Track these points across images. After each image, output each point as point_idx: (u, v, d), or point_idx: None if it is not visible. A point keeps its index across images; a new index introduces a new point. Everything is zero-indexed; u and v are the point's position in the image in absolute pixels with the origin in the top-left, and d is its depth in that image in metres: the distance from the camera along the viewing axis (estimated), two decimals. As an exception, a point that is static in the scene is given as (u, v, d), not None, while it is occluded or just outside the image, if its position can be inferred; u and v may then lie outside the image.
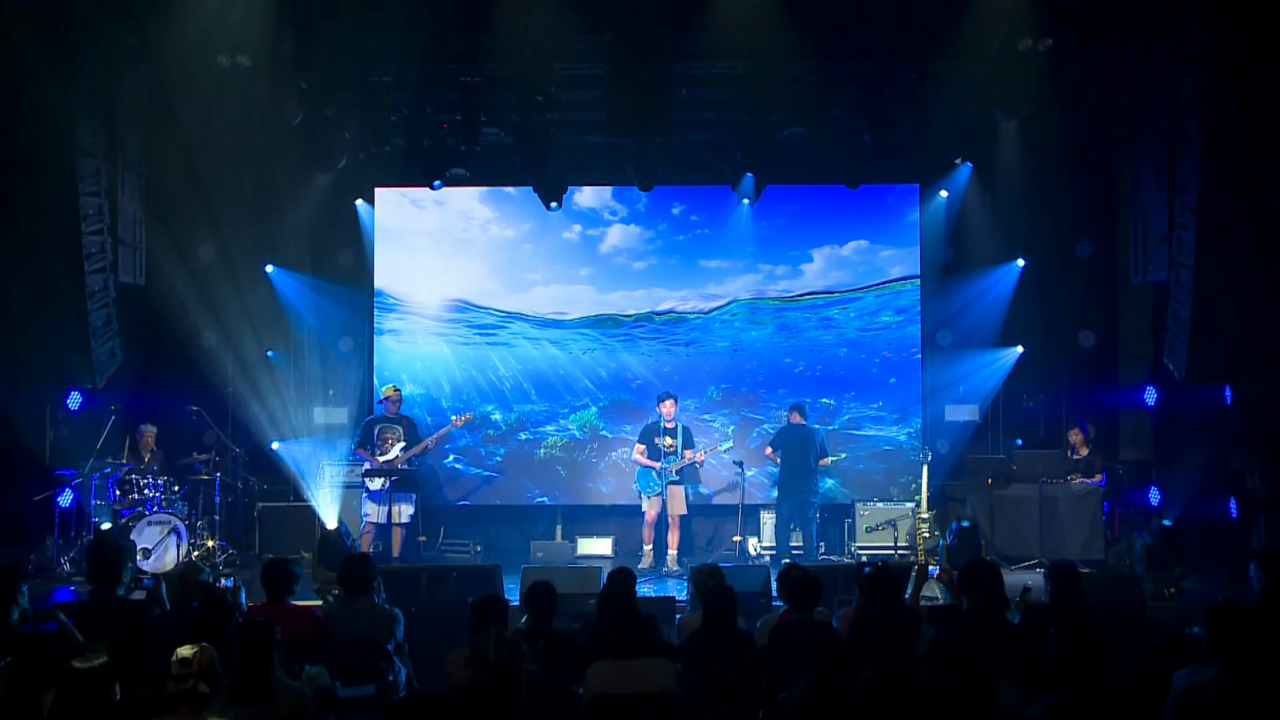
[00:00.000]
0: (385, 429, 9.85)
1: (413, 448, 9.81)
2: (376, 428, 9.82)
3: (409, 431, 9.92)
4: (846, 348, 11.14)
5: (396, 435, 9.83)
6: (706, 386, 11.15)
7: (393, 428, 9.86)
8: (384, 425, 9.86)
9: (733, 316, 11.17)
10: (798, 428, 10.12)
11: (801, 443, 10.01)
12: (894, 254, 11.14)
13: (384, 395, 9.98)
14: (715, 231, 11.20)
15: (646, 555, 9.81)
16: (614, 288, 11.20)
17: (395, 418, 9.90)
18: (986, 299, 10.95)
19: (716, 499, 10.94)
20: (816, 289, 11.15)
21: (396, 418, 9.92)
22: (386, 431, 9.84)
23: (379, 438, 9.80)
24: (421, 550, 10.22)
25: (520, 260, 11.24)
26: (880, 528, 10.29)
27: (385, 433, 9.83)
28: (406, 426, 9.93)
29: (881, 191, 11.04)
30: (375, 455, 9.71)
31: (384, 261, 11.12)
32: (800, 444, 10.00)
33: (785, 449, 9.98)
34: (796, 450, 9.97)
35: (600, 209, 11.27)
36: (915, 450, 10.74)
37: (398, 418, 9.93)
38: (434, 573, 7.44)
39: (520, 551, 10.71)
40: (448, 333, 11.16)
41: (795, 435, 10.05)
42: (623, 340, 11.18)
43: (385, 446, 9.75)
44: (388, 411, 9.91)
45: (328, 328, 11.08)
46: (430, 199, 11.14)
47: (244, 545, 10.28)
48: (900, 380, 11.10)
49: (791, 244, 11.18)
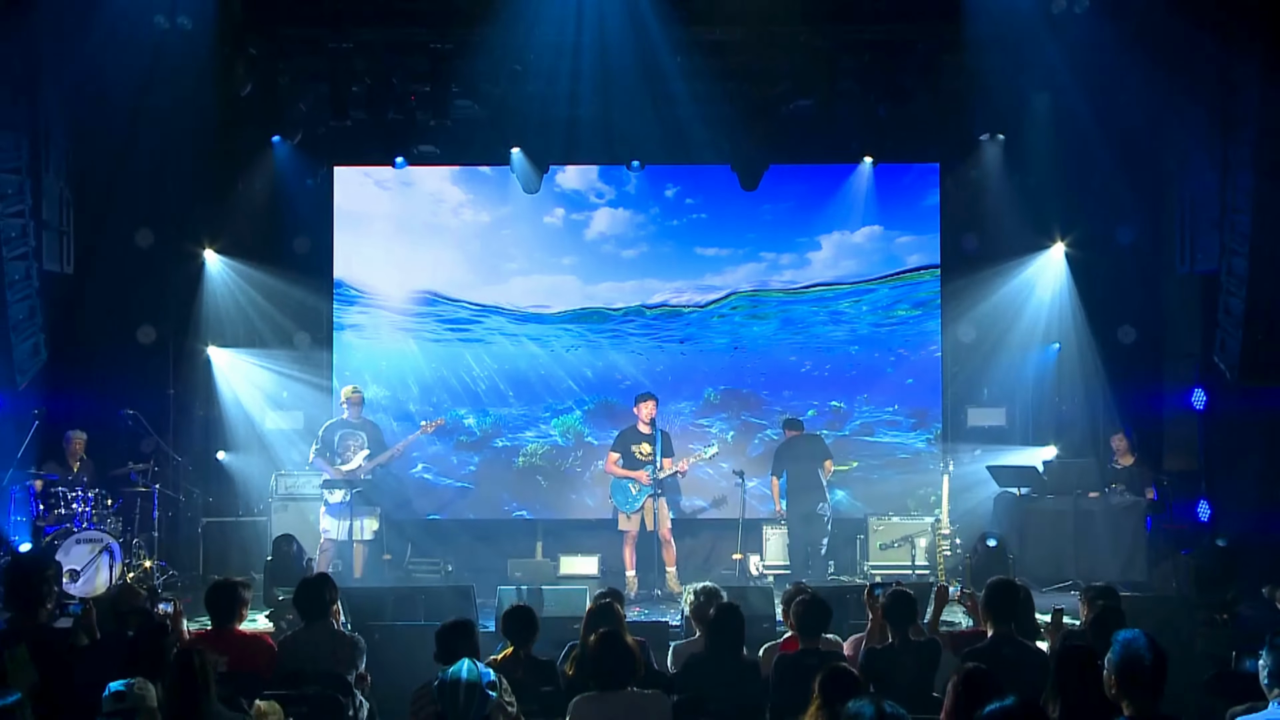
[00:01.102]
0: (346, 436, 9.81)
1: (377, 456, 9.78)
2: (337, 434, 9.78)
3: (372, 438, 9.88)
4: (858, 345, 11.13)
5: (359, 442, 9.79)
6: (703, 388, 11.14)
7: (354, 434, 9.82)
8: (345, 431, 9.82)
9: (732, 310, 11.17)
10: (797, 439, 10.09)
11: (803, 453, 9.97)
12: (912, 241, 11.14)
13: (344, 398, 9.94)
14: (713, 216, 11.20)
15: (630, 582, 9.67)
16: (601, 278, 11.18)
17: (357, 423, 9.87)
18: (1015, 291, 10.97)
19: (713, 512, 10.93)
20: (825, 280, 11.15)
21: (358, 423, 9.88)
22: (348, 438, 9.80)
23: (339, 445, 9.76)
24: (386, 570, 10.18)
25: (496, 248, 11.21)
26: (896, 545, 10.27)
27: (346, 440, 9.79)
28: (369, 433, 9.89)
29: (898, 171, 11.05)
30: (335, 465, 9.67)
31: (344, 249, 11.08)
32: (802, 455, 9.96)
33: (788, 464, 9.94)
34: (800, 462, 9.93)
35: (586, 191, 11.25)
36: (935, 459, 10.72)
37: (360, 423, 9.89)
38: (400, 595, 7.44)
39: (496, 571, 10.55)
40: (416, 328, 11.14)
41: (795, 447, 10.02)
42: (610, 337, 11.16)
43: (346, 455, 9.71)
44: (348, 416, 9.87)
45: (281, 322, 11.04)
46: (396, 179, 11.11)
47: (186, 565, 10.23)
48: (918, 381, 11.10)
49: (798, 230, 11.18)
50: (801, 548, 9.88)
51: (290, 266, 10.99)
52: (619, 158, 10.64)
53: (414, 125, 9.99)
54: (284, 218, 10.92)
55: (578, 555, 10.69)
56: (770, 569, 10.35)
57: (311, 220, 11.05)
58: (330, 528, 9.56)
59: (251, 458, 10.69)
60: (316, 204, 11.04)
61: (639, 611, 8.88)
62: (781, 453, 10.06)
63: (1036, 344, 10.95)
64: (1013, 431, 11.03)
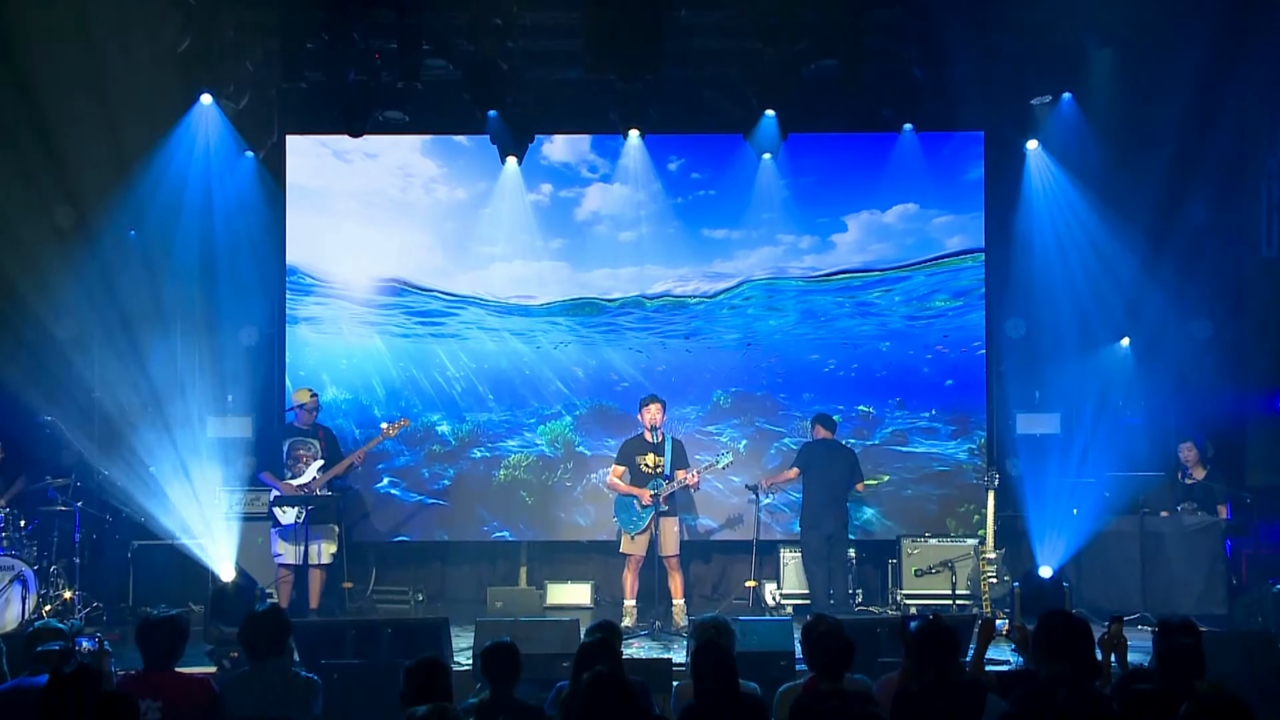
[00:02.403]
0: (298, 444, 9.78)
1: (333, 467, 9.73)
2: (287, 443, 9.74)
3: (328, 446, 9.87)
4: (890, 341, 11.12)
5: (312, 452, 9.77)
6: (711, 390, 11.13)
7: (307, 443, 9.81)
8: (296, 440, 9.79)
9: (745, 302, 11.16)
10: (828, 443, 10.09)
11: (833, 460, 9.98)
12: (951, 221, 11.12)
13: (297, 401, 9.92)
14: (723, 193, 11.19)
15: (629, 612, 9.68)
16: (594, 264, 11.18)
17: (311, 429, 9.83)
18: (1071, 279, 10.92)
19: (723, 534, 10.91)
20: (852, 266, 11.13)
21: (312, 429, 9.85)
22: (300, 447, 9.78)
23: (290, 455, 9.72)
24: (347, 600, 10.18)
25: (474, 229, 11.19)
26: (933, 570, 10.25)
27: (298, 449, 9.77)
28: (325, 440, 9.88)
29: (936, 141, 11.04)
30: (285, 478, 9.60)
31: (299, 230, 11.08)
32: (831, 462, 9.97)
33: (813, 468, 9.94)
34: (827, 470, 9.94)
35: (576, 164, 11.23)
36: (978, 472, 10.67)
37: (314, 429, 9.86)
38: (362, 628, 7.43)
39: (474, 601, 10.71)
40: (381, 321, 11.13)
41: (825, 451, 10.03)
42: (605, 331, 11.16)
43: (299, 467, 9.67)
44: (301, 421, 9.83)
45: (225, 314, 11.00)
46: (358, 150, 11.10)
47: (114, 597, 10.19)
48: (959, 382, 11.09)
49: (820, 209, 11.17)
50: (823, 575, 9.82)
51: (236, 250, 10.92)
52: (615, 126, 10.59)
53: (378, 88, 9.94)
54: (227, 194, 10.86)
55: (568, 583, 10.79)
56: (789, 598, 10.36)
57: (260, 197, 11.02)
58: (284, 552, 9.55)
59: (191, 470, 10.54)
60: (265, 178, 11.02)
61: (638, 648, 8.87)
62: (812, 451, 9.99)
63: (1098, 340, 10.94)
64: (1069, 440, 10.93)
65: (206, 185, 10.68)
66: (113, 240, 10.49)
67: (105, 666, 5.73)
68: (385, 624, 7.58)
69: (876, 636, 7.18)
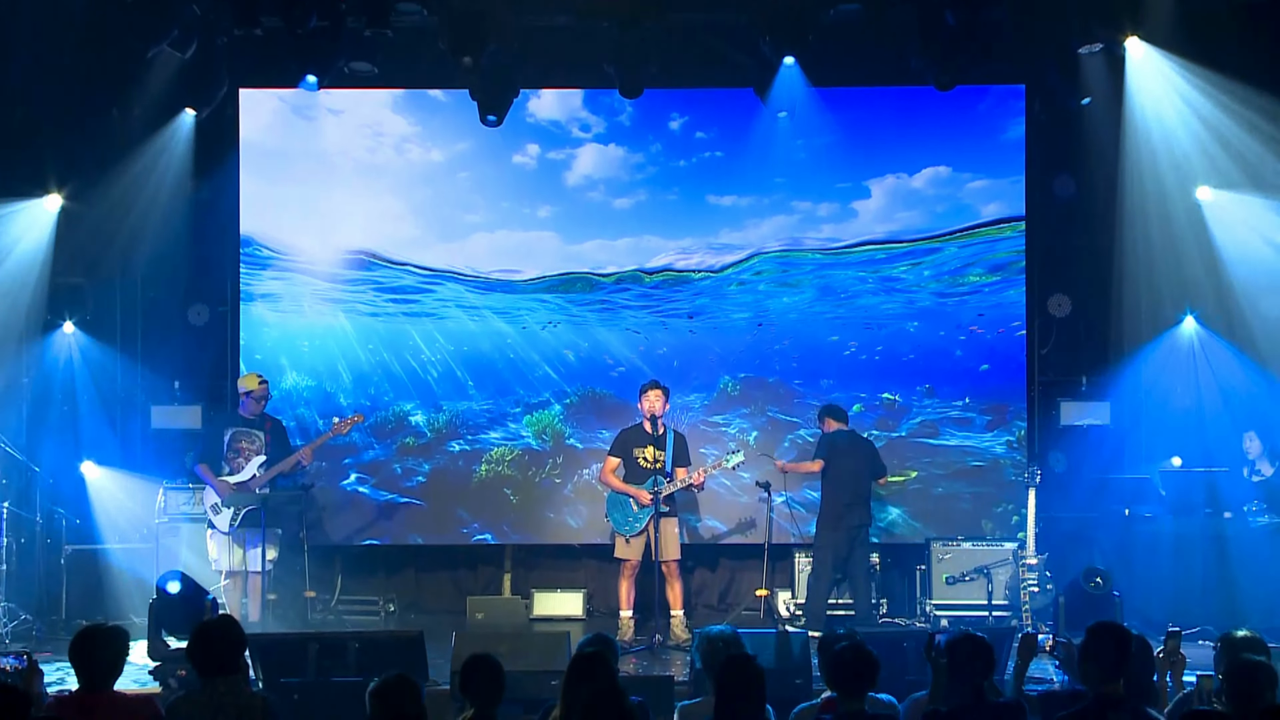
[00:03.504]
0: (241, 436, 9.78)
1: (277, 464, 9.74)
2: (229, 433, 9.75)
3: (275, 440, 9.86)
4: (919, 320, 11.10)
5: (256, 445, 9.75)
6: (718, 376, 11.12)
7: (251, 435, 9.78)
8: (239, 431, 9.79)
9: (756, 277, 11.15)
10: (850, 433, 10.09)
11: (857, 452, 9.97)
12: (988, 186, 11.10)
13: (245, 388, 9.88)
14: (732, 154, 11.18)
15: (625, 624, 9.72)
16: (586, 235, 11.16)
17: (257, 420, 9.82)
18: (1126, 249, 10.87)
19: (731, 537, 10.91)
20: (876, 237, 11.11)
21: (259, 419, 9.83)
22: (242, 439, 9.76)
23: (231, 448, 9.73)
24: (309, 610, 10.18)
25: (452, 195, 11.17)
26: (967, 578, 10.22)
27: (240, 441, 9.76)
28: (272, 433, 9.86)
29: (971, 96, 11.00)
30: (224, 473, 9.63)
31: (254, 197, 11.04)
32: (856, 454, 9.95)
33: (837, 461, 9.92)
34: (853, 462, 9.91)
35: (567, 122, 11.21)
36: (1018, 467, 10.70)
37: (260, 419, 9.85)
38: (327, 643, 7.40)
39: (452, 612, 10.72)
40: (347, 299, 11.12)
41: (848, 442, 10.01)
42: (599, 310, 11.15)
43: (238, 462, 9.69)
44: (247, 410, 9.82)
45: (171, 290, 11.01)
46: (322, 106, 11.07)
47: (45, 608, 10.21)
48: (997, 367, 11.07)
49: (841, 172, 11.15)
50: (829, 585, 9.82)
51: (183, 219, 10.93)
52: (610, 79, 10.52)
53: (344, 35, 9.88)
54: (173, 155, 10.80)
55: (557, 591, 10.82)
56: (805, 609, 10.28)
57: (210, 158, 10.99)
58: (220, 557, 9.55)
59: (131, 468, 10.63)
60: (216, 137, 10.96)
61: (635, 665, 8.86)
62: (835, 442, 9.98)
63: (1155, 318, 10.92)
64: (1120, 432, 11.01)
65: (150, 144, 10.63)
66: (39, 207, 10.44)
67: (35, 687, 5.68)
68: (352, 638, 7.56)
69: (903, 651, 7.15)
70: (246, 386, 9.84)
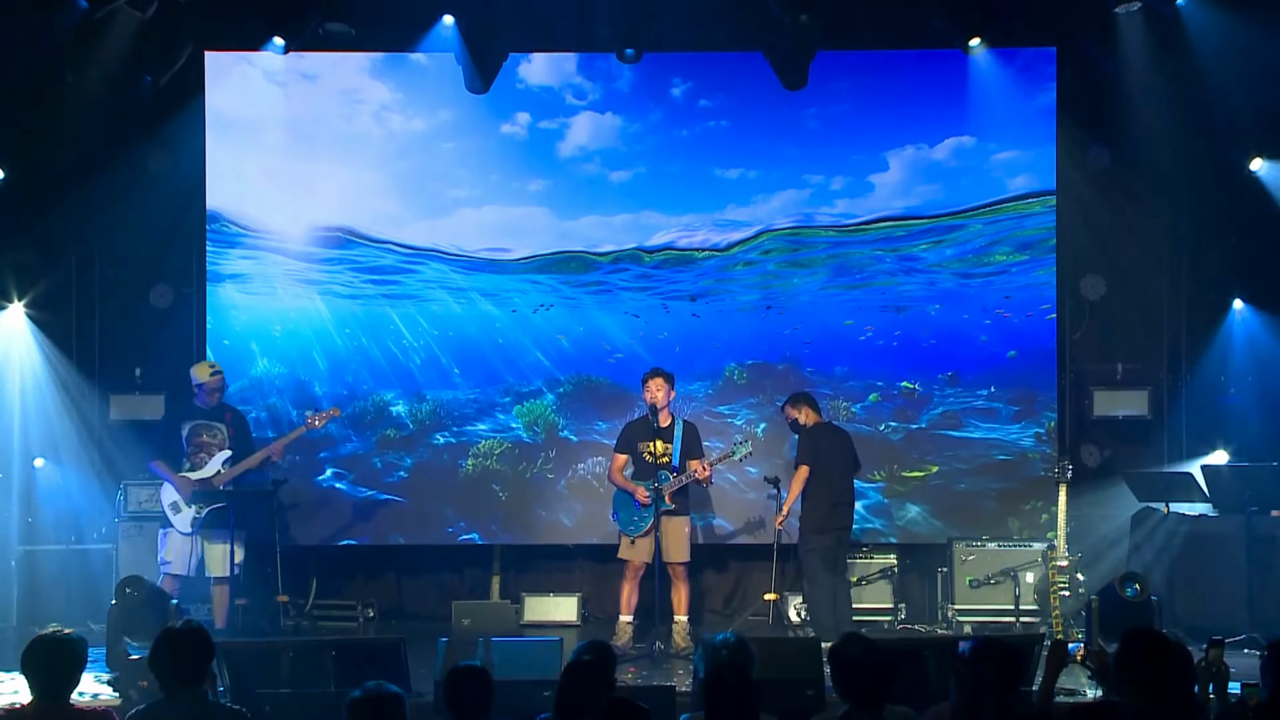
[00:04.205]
0: (201, 430, 9.74)
1: (243, 460, 9.71)
2: (188, 427, 9.72)
3: (236, 432, 9.82)
4: (940, 303, 11.09)
5: (218, 439, 9.73)
6: (723, 362, 11.12)
7: (212, 429, 9.75)
8: (199, 424, 9.75)
9: (764, 256, 11.14)
10: (828, 426, 10.04)
11: (840, 447, 9.91)
12: (1016, 157, 11.07)
13: (200, 379, 9.81)
14: (738, 124, 11.16)
15: (624, 630, 9.70)
16: (581, 211, 11.15)
17: (215, 411, 9.77)
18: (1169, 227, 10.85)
19: (738, 537, 10.91)
20: (894, 212, 11.09)
21: (217, 411, 9.79)
22: (203, 433, 9.73)
23: (191, 443, 9.71)
24: (282, 616, 10.15)
25: (436, 168, 11.16)
26: (992, 581, 10.25)
27: (201, 435, 9.72)
28: (232, 424, 9.83)
29: (997, 60, 10.97)
30: (185, 469, 9.60)
31: (221, 169, 11.01)
32: (838, 450, 9.89)
33: (823, 459, 9.81)
34: (835, 459, 9.83)
35: (560, 88, 11.18)
36: (1048, 462, 10.66)
37: (219, 411, 9.80)
38: (301, 651, 7.39)
39: (436, 618, 10.73)
40: (323, 279, 11.12)
41: (829, 436, 9.94)
42: (595, 292, 11.15)
43: (200, 457, 9.66)
44: (204, 402, 9.77)
45: (132, 270, 10.99)
46: (295, 71, 11.05)
47: (-7, 613, 10.25)
48: (1025, 353, 11.05)
49: (856, 143, 11.13)
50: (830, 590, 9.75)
51: (143, 193, 10.91)
52: (606, 42, 10.52)
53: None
54: (132, 124, 10.82)
55: (550, 595, 10.85)
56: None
57: (173, 127, 10.95)
58: (174, 559, 9.50)
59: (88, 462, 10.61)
60: (179, 104, 10.92)
61: (634, 674, 8.85)
62: (816, 438, 9.87)
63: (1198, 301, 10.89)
64: (1159, 424, 11.00)
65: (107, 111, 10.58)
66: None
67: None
68: (329, 645, 7.51)
69: (923, 660, 7.07)
70: (198, 377, 9.77)
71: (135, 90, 10.70)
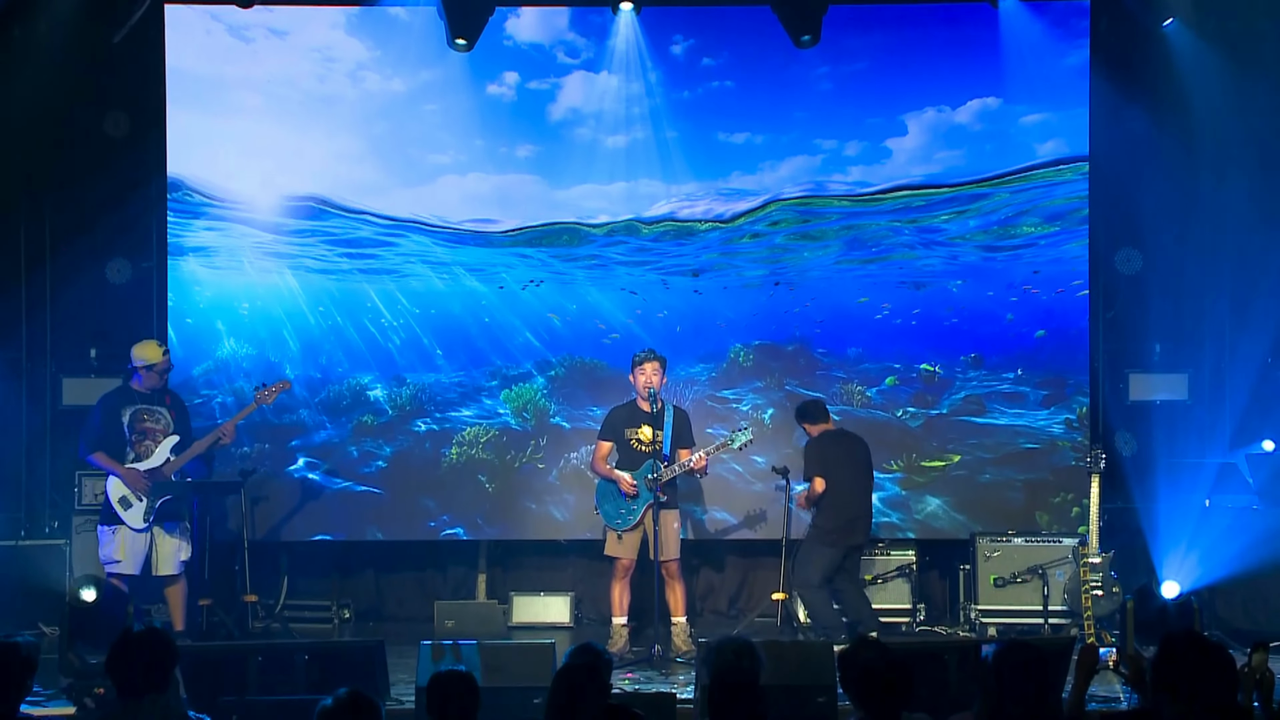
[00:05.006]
0: (144, 415, 9.67)
1: (193, 445, 9.66)
2: (128, 413, 9.65)
3: (179, 416, 9.78)
4: (963, 279, 11.10)
5: (163, 425, 9.67)
6: (727, 344, 11.14)
7: (155, 414, 9.68)
8: (141, 409, 9.68)
9: (772, 228, 11.14)
10: (839, 434, 9.97)
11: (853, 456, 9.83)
12: (1045, 120, 11.07)
13: (144, 359, 9.68)
14: (744, 84, 11.16)
15: (619, 633, 9.74)
16: (574, 179, 11.15)
17: (156, 395, 9.71)
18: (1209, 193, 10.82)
19: (742, 532, 10.92)
20: (913, 180, 11.08)
21: (158, 395, 9.72)
22: (146, 419, 9.66)
23: (134, 430, 9.64)
24: (250, 618, 10.16)
25: (417, 132, 11.17)
26: (1019, 579, 10.26)
27: (144, 421, 9.66)
28: (174, 409, 9.77)
29: (1026, 14, 10.98)
30: (129, 460, 9.55)
31: (184, 133, 10.96)
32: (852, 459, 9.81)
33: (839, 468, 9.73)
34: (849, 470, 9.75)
35: (551, 46, 11.16)
36: (1079, 450, 10.69)
37: (160, 394, 9.74)
38: (271, 655, 7.46)
39: (417, 620, 10.79)
40: (294, 253, 11.10)
41: (847, 444, 9.87)
42: (589, 267, 11.15)
43: (145, 445, 9.60)
44: (144, 384, 9.68)
45: (87, 243, 10.96)
46: (263, 26, 11.04)
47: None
48: (1055, 333, 11.07)
49: (871, 105, 11.13)
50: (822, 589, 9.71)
51: (99, 158, 10.90)
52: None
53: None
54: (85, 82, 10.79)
55: (540, 594, 10.89)
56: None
57: (131, 88, 10.96)
58: (126, 557, 9.42)
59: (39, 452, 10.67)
60: (137, 62, 10.87)
61: (630, 679, 8.88)
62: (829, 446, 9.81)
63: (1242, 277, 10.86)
64: (1199, 409, 11.00)
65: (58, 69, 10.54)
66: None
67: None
68: (301, 649, 7.61)
69: (944, 665, 7.12)
70: (146, 358, 9.62)
71: (89, 47, 10.68)
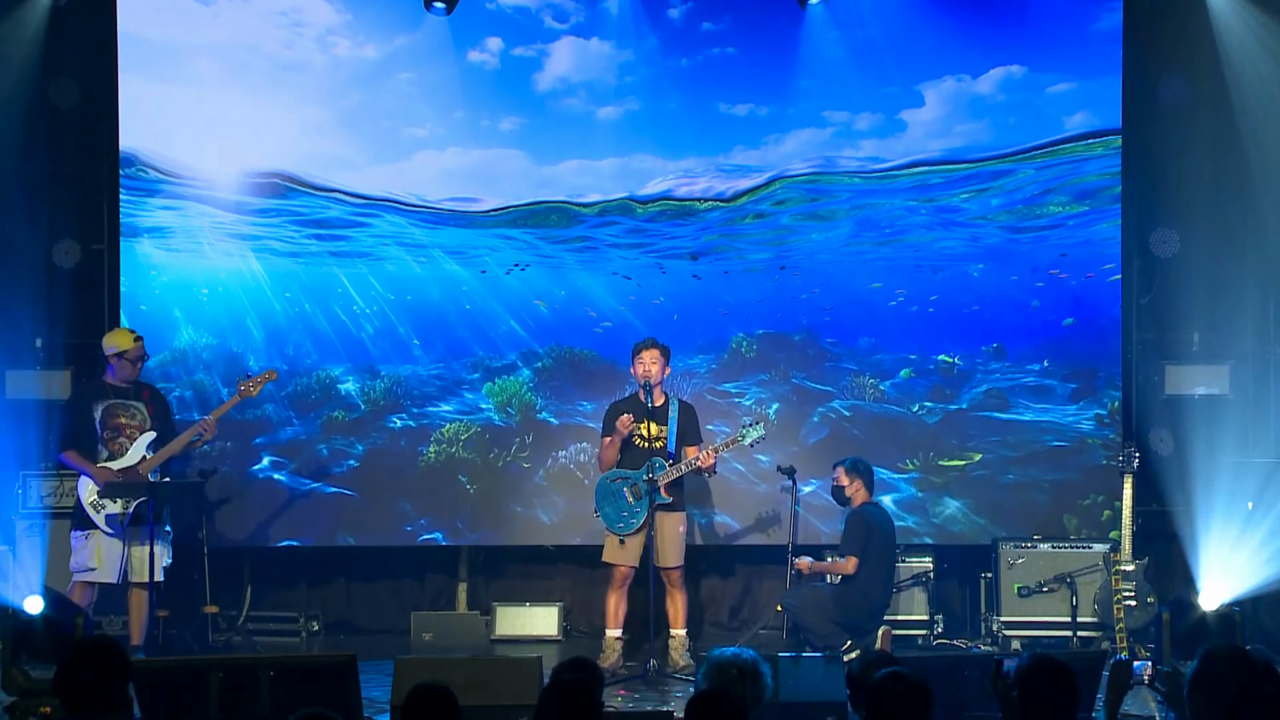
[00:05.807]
0: (117, 410, 9.68)
1: (171, 442, 9.67)
2: (100, 407, 9.65)
3: (158, 411, 9.78)
4: (984, 262, 11.12)
5: (139, 420, 9.68)
6: (729, 332, 11.17)
7: (130, 408, 9.69)
8: (115, 403, 9.69)
9: (778, 207, 11.15)
10: (882, 511, 9.96)
11: (888, 532, 9.85)
12: (1074, 90, 11.07)
13: (115, 347, 9.72)
14: (748, 52, 11.18)
15: (612, 647, 9.79)
16: (563, 155, 11.18)
17: (132, 388, 9.72)
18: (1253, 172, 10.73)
19: (747, 537, 10.93)
20: (931, 155, 11.10)
21: (134, 388, 9.73)
22: (120, 414, 9.66)
23: (107, 425, 9.64)
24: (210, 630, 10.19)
25: (391, 103, 11.16)
26: (1045, 588, 10.27)
27: (117, 416, 9.66)
28: (151, 403, 9.78)
29: (1053, -24, 11.02)
30: (103, 459, 9.55)
31: (137, 104, 10.92)
32: (888, 537, 9.84)
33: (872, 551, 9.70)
34: (886, 550, 9.79)
35: (537, 9, 11.16)
36: (1110, 449, 10.70)
37: (136, 388, 9.75)
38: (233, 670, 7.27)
39: (393, 632, 10.82)
40: (259, 234, 11.09)
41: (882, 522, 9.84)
42: (579, 250, 11.16)
43: (119, 442, 9.61)
44: (119, 376, 9.69)
45: (31, 223, 10.90)
46: (223, -12, 11.05)
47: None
48: (1084, 321, 11.07)
49: (885, 74, 11.14)
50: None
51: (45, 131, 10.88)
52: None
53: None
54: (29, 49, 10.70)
55: (526, 605, 10.90)
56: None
57: (78, 54, 10.95)
58: (102, 564, 9.45)
59: None
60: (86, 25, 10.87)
61: (622, 697, 8.87)
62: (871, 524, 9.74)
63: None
64: (1241, 404, 10.94)
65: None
66: None
67: None
68: (265, 664, 7.43)
69: (963, 680, 7.05)
70: (118, 345, 9.68)
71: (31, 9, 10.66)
